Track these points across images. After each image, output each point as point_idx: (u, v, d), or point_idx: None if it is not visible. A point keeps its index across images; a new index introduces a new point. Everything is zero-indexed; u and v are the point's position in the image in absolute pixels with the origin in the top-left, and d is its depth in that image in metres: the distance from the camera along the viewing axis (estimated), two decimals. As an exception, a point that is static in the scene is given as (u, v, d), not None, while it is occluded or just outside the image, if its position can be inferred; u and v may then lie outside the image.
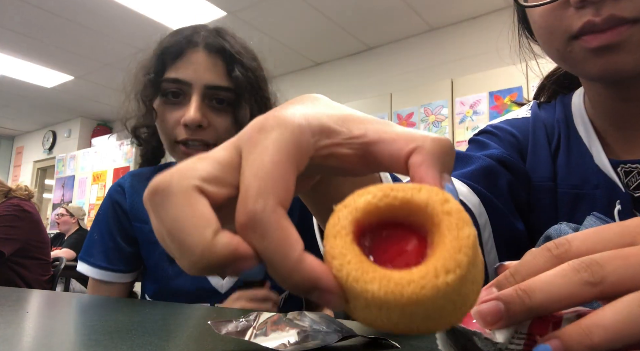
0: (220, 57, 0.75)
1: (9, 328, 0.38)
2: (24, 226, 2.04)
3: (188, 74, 0.73)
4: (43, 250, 2.16)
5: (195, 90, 0.73)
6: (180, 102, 0.74)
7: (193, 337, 0.37)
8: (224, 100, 0.75)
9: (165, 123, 0.75)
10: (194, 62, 0.74)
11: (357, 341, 0.34)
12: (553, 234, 0.42)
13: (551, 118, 0.56)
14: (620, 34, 0.38)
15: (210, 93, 0.74)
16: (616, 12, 0.38)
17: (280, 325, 0.32)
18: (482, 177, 0.52)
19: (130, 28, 4.13)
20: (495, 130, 0.58)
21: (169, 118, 0.74)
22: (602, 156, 0.48)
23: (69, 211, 4.10)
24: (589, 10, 0.39)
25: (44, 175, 7.48)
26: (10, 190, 2.11)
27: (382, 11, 3.77)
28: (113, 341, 0.35)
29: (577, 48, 0.41)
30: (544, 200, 0.53)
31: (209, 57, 0.75)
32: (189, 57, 0.74)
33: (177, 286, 0.80)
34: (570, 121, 0.54)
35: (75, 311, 0.58)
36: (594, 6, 0.38)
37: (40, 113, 6.73)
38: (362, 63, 4.50)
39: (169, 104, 0.75)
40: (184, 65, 0.74)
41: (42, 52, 4.67)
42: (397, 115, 3.84)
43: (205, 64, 0.74)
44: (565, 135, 0.53)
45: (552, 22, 0.42)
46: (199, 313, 0.55)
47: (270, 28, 4.01)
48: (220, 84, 0.74)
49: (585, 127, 0.52)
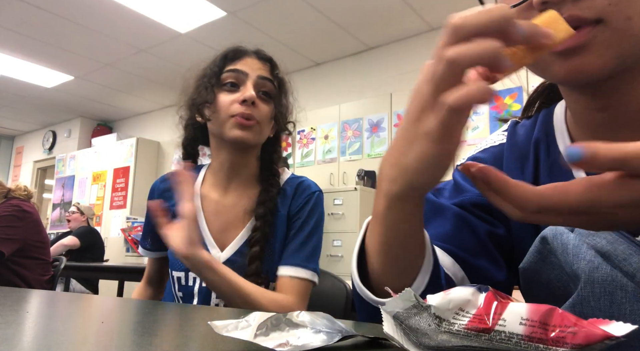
0: (267, 63, 1.03)
1: (9, 328, 0.38)
2: (23, 226, 2.04)
3: (245, 68, 0.99)
4: (43, 250, 2.16)
5: (250, 79, 0.98)
6: (236, 90, 0.98)
7: (193, 337, 0.37)
8: (267, 92, 1.00)
9: (222, 103, 0.97)
10: (249, 63, 1.00)
11: (357, 341, 0.34)
12: (549, 234, 0.42)
13: (528, 138, 0.56)
14: (585, 36, 0.39)
15: (260, 83, 0.99)
16: (576, 12, 0.38)
17: (280, 325, 0.32)
18: (456, 234, 0.54)
19: (130, 28, 4.13)
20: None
21: (227, 99, 0.97)
22: (580, 171, 0.48)
23: (80, 209, 4.12)
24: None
25: (44, 175, 7.49)
26: (10, 191, 2.11)
27: (382, 11, 3.77)
28: (113, 341, 0.35)
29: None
30: (517, 222, 0.53)
31: (259, 61, 1.01)
32: (245, 60, 1.01)
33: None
34: (551, 137, 0.54)
35: (75, 311, 0.58)
36: (555, 7, 0.38)
37: (40, 113, 6.74)
38: (362, 63, 4.50)
39: (226, 91, 0.98)
40: (241, 63, 1.00)
41: (42, 52, 4.67)
42: (397, 115, 3.84)
43: (257, 64, 1.01)
44: (545, 153, 0.53)
45: None
46: (199, 313, 0.55)
47: (270, 28, 4.01)
48: (267, 76, 1.00)
49: (564, 139, 0.52)
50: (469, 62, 0.31)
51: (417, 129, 0.35)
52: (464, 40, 0.32)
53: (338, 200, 3.56)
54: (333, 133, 4.22)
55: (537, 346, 0.25)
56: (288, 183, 1.04)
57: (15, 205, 2.05)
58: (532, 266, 0.44)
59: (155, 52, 4.60)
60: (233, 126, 0.95)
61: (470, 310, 0.27)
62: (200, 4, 3.66)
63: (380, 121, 3.93)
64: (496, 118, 3.15)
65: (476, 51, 0.31)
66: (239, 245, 0.97)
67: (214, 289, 0.88)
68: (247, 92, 0.95)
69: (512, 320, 0.26)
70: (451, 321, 0.28)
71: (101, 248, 4.04)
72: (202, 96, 0.98)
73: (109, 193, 5.85)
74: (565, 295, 0.40)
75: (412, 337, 0.29)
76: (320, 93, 4.70)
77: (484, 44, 0.31)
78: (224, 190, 1.02)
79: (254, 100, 0.95)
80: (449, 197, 0.58)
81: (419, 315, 0.29)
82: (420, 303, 0.28)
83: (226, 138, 0.96)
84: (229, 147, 1.00)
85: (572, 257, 0.39)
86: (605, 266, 0.37)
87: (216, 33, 4.12)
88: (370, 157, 3.93)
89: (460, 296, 0.28)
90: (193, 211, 0.84)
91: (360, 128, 4.05)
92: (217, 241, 0.98)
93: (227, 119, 0.96)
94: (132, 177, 5.69)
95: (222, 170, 1.02)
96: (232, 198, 1.01)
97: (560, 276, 0.41)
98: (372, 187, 3.75)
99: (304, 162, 4.35)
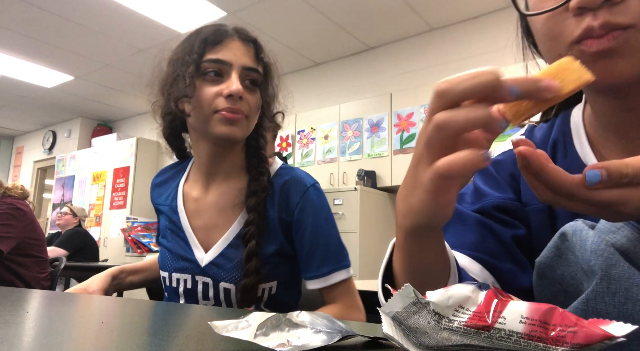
0: (252, 45, 0.91)
1: (9, 328, 0.38)
2: (19, 224, 2.04)
3: (229, 56, 0.88)
4: (39, 248, 2.16)
5: (235, 69, 0.87)
6: (220, 80, 0.87)
7: (193, 337, 0.37)
8: (254, 80, 0.90)
9: (204, 96, 0.87)
10: (232, 48, 0.88)
11: (357, 341, 0.34)
12: (568, 230, 0.43)
13: (545, 140, 0.58)
14: (615, 38, 0.40)
15: (245, 73, 0.89)
16: (611, 18, 0.39)
17: (280, 325, 0.32)
18: (480, 242, 0.55)
19: (130, 28, 4.13)
20: (493, 169, 0.60)
21: (208, 91, 0.87)
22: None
23: (73, 210, 4.11)
24: (588, 17, 0.40)
25: (44, 175, 7.48)
26: (5, 190, 2.11)
27: (382, 11, 3.77)
28: (113, 341, 0.35)
29: (578, 53, 0.42)
30: (538, 221, 0.54)
31: (243, 44, 0.90)
32: (227, 43, 0.89)
33: (170, 250, 0.97)
34: (568, 138, 0.55)
35: (75, 311, 0.58)
36: (591, 12, 0.40)
37: (40, 113, 6.73)
38: (362, 63, 4.50)
39: (208, 81, 0.87)
40: (223, 50, 0.88)
41: (42, 52, 4.67)
42: (397, 115, 3.84)
43: (242, 49, 0.89)
44: (562, 153, 0.55)
45: (554, 29, 0.44)
46: (199, 313, 0.55)
47: (270, 28, 4.01)
48: (252, 66, 0.90)
49: (580, 140, 0.53)
50: (457, 128, 0.32)
51: (416, 175, 0.36)
52: (452, 105, 0.32)
53: (338, 200, 3.55)
54: (333, 133, 4.22)
55: (537, 345, 0.25)
56: (277, 175, 0.95)
57: (9, 204, 2.05)
58: (547, 262, 0.45)
59: (155, 52, 4.60)
60: (218, 122, 0.86)
61: (470, 307, 0.27)
62: (200, 4, 3.66)
63: (380, 121, 3.93)
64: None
65: (464, 117, 0.31)
66: (223, 247, 0.90)
67: None
68: (232, 86, 0.85)
69: (512, 318, 0.26)
70: (451, 318, 0.28)
71: (93, 248, 4.01)
72: (180, 89, 0.87)
73: (109, 193, 5.85)
74: (577, 292, 0.41)
75: (411, 338, 0.29)
76: (320, 94, 4.70)
77: (472, 111, 0.31)
78: (205, 187, 0.95)
79: (241, 95, 0.86)
80: (471, 202, 0.60)
81: (418, 314, 0.29)
82: (420, 299, 0.29)
83: (211, 134, 0.88)
84: (211, 141, 0.91)
85: (589, 253, 0.39)
86: (623, 264, 0.37)
87: (216, 33, 4.12)
88: (370, 157, 3.93)
89: (460, 293, 0.28)
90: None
91: (360, 128, 4.05)
92: (201, 242, 0.92)
93: (211, 115, 0.87)
94: (132, 177, 5.69)
95: (202, 164, 0.94)
96: (214, 195, 0.94)
97: (575, 273, 0.42)
98: (372, 187, 3.75)
99: (304, 162, 4.35)
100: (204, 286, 0.90)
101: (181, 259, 0.94)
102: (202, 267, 0.91)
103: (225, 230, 0.92)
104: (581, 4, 0.40)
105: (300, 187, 0.92)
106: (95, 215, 5.91)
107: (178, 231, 0.96)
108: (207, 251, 0.92)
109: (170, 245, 0.97)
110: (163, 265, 0.97)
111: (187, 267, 0.92)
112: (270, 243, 0.90)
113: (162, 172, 1.09)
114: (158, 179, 1.08)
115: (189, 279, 0.91)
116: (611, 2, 0.39)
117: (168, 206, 1.00)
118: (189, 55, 0.88)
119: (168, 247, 0.97)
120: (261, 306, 0.91)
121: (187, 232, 0.94)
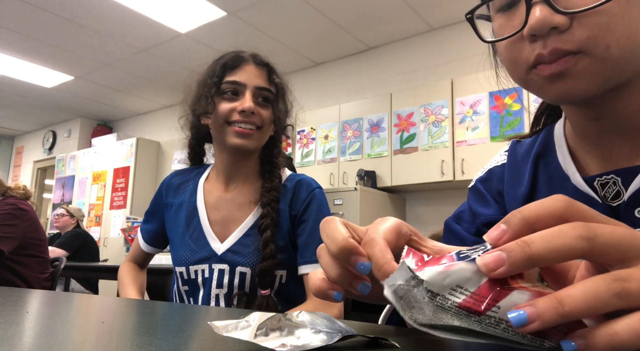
0: (265, 68, 1.07)
1: (9, 328, 0.38)
2: (21, 224, 2.04)
3: (244, 78, 1.04)
4: (41, 248, 2.16)
5: (249, 89, 1.03)
6: (236, 98, 1.03)
7: (193, 337, 0.37)
8: (266, 98, 1.05)
9: (221, 111, 1.02)
10: (247, 71, 1.04)
11: (357, 341, 0.34)
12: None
13: (527, 154, 0.60)
14: (565, 64, 0.43)
15: (258, 92, 1.04)
16: (559, 45, 0.42)
17: (280, 325, 0.32)
18: None
19: (130, 28, 4.13)
20: (482, 187, 0.63)
21: (226, 107, 1.02)
22: (576, 176, 0.52)
23: (70, 211, 4.11)
24: (539, 44, 0.43)
25: (44, 175, 7.49)
26: (8, 190, 2.11)
27: (382, 11, 3.77)
28: (113, 341, 0.35)
29: (535, 77, 0.46)
30: None
31: (257, 68, 1.06)
32: (243, 67, 1.05)
33: (186, 248, 1.07)
34: (551, 149, 0.58)
35: (75, 311, 0.58)
36: (542, 40, 0.43)
37: (40, 113, 6.74)
38: (362, 63, 4.50)
39: (226, 99, 1.03)
40: (239, 73, 1.04)
41: (42, 52, 4.67)
42: (397, 115, 3.84)
43: (255, 72, 1.05)
44: (544, 165, 0.57)
45: (513, 54, 0.47)
46: (199, 313, 0.56)
47: (270, 28, 4.01)
48: (265, 86, 1.05)
49: (562, 151, 0.56)
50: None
51: None
52: None
53: (338, 200, 3.56)
54: (333, 133, 4.22)
55: (525, 336, 0.26)
56: (288, 179, 1.10)
57: (12, 204, 2.05)
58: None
59: (155, 52, 4.60)
60: (233, 135, 1.02)
61: (469, 287, 0.27)
62: (200, 4, 3.66)
63: (380, 121, 3.93)
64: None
65: None
66: (240, 236, 1.03)
67: None
68: (245, 103, 1.00)
69: (506, 307, 0.26)
70: (446, 297, 0.28)
71: (94, 249, 4.02)
72: (202, 107, 1.04)
73: (109, 193, 5.85)
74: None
75: (407, 312, 0.30)
76: (320, 94, 4.70)
77: None
78: (226, 186, 1.09)
79: (252, 111, 1.01)
80: (469, 222, 0.63)
81: (417, 288, 0.29)
82: (414, 275, 0.29)
83: (227, 145, 1.02)
84: (228, 150, 1.06)
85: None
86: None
87: (216, 33, 4.12)
88: (370, 157, 3.93)
89: (460, 273, 0.27)
90: None
91: (360, 128, 4.05)
92: (217, 234, 1.04)
93: (227, 127, 1.02)
94: (132, 177, 5.69)
95: (224, 169, 1.09)
96: (233, 193, 1.08)
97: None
98: (372, 187, 3.75)
99: (304, 162, 4.35)
100: (220, 273, 1.01)
101: (199, 251, 1.04)
102: (219, 255, 1.02)
103: (241, 222, 1.05)
104: (531, 32, 0.43)
105: (309, 187, 1.08)
106: (95, 215, 5.91)
107: (195, 225, 1.07)
108: (222, 241, 1.03)
109: (185, 241, 1.07)
110: (179, 261, 1.06)
111: (205, 257, 1.03)
112: (281, 234, 1.03)
113: (180, 173, 1.21)
114: (176, 180, 1.18)
115: (206, 269, 1.02)
116: (558, 30, 0.42)
117: (187, 201, 1.11)
118: (211, 78, 1.04)
119: (184, 243, 1.07)
120: (272, 294, 1.01)
121: (204, 224, 1.06)
